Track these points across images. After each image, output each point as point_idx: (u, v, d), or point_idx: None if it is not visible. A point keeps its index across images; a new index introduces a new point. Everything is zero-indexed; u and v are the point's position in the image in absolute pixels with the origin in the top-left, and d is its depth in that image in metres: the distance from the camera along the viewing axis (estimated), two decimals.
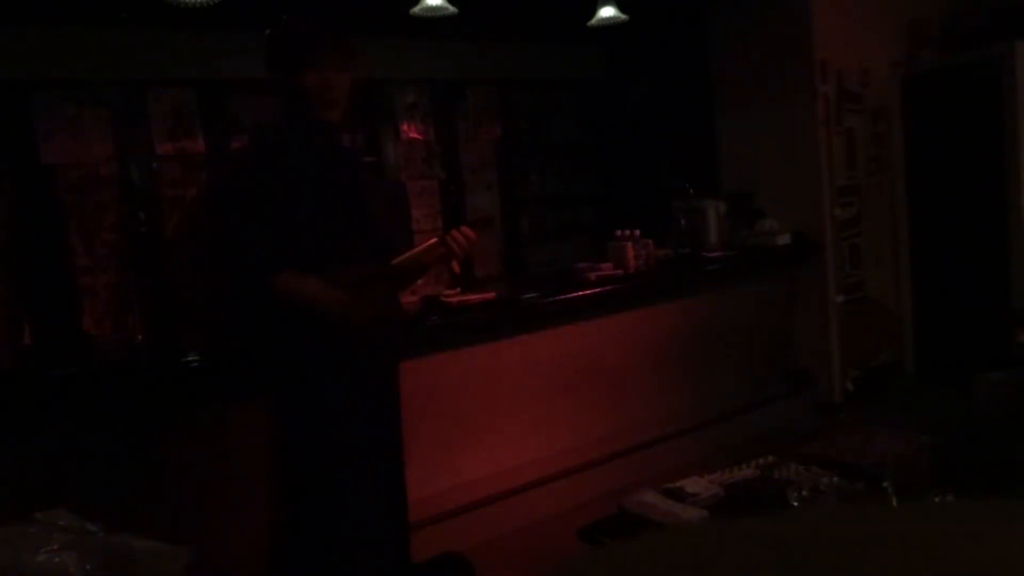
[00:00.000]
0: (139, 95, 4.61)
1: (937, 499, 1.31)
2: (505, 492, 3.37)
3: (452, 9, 3.56)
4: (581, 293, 3.58)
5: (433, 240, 2.24)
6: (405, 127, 5.55)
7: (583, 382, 3.71)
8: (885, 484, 1.40)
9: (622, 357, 3.85)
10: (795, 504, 1.61)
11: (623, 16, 4.00)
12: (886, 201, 4.85)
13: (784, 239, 4.44)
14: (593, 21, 4.07)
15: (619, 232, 3.94)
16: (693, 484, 1.90)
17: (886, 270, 4.88)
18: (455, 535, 3.10)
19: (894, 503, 1.32)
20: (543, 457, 3.54)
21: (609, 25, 4.10)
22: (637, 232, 3.92)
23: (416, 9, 3.55)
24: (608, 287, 3.66)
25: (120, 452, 2.60)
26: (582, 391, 3.71)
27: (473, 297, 3.46)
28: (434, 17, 3.61)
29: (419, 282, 2.67)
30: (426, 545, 2.92)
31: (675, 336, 4.05)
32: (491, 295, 3.52)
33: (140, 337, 4.35)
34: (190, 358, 2.81)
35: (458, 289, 3.60)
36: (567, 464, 3.57)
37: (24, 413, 2.47)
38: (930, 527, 0.37)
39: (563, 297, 3.56)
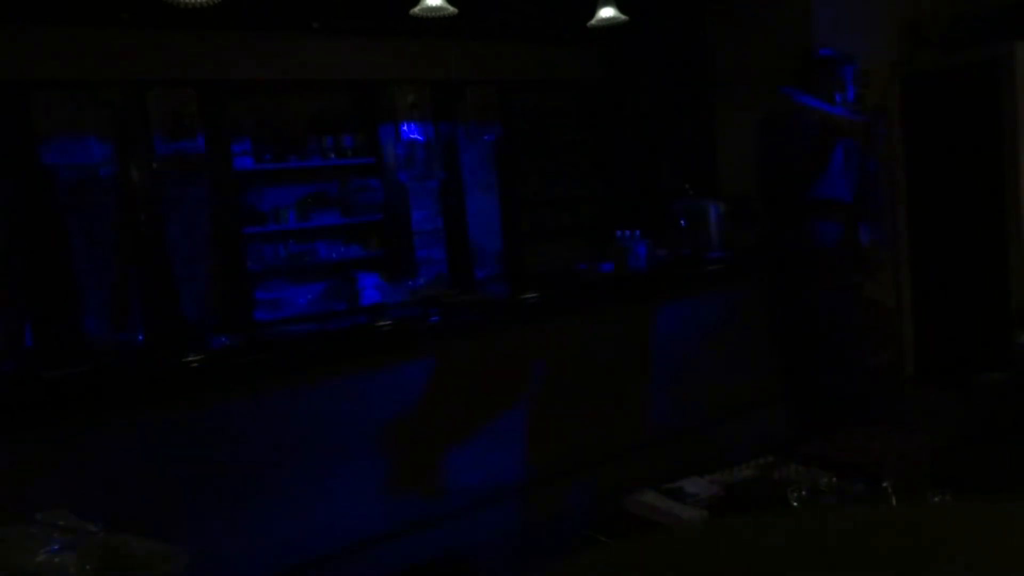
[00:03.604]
0: (139, 95, 4.61)
1: (937, 499, 1.31)
2: (505, 492, 3.37)
3: (452, 9, 3.56)
4: (581, 293, 3.59)
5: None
6: (405, 127, 5.56)
7: (582, 382, 3.71)
8: (885, 484, 1.40)
9: (622, 357, 3.85)
10: (795, 504, 1.61)
11: (623, 16, 4.00)
12: (886, 201, 4.85)
13: None
14: (593, 21, 4.06)
15: (619, 232, 3.94)
16: (693, 484, 1.90)
17: (886, 270, 4.87)
18: (455, 535, 3.11)
19: (894, 503, 1.32)
20: (543, 457, 3.54)
21: (609, 25, 4.10)
22: (637, 232, 3.92)
23: (416, 9, 3.54)
24: (608, 287, 3.66)
25: (120, 452, 2.60)
26: (581, 391, 3.71)
27: (473, 297, 3.46)
28: (434, 17, 3.61)
29: None
30: (426, 545, 2.93)
31: (675, 336, 4.05)
32: (491, 295, 3.53)
33: (140, 337, 4.36)
34: (191, 358, 2.82)
35: (459, 289, 3.60)
36: (567, 464, 3.58)
37: (24, 413, 2.47)
38: (930, 527, 0.37)
39: (563, 297, 3.56)
